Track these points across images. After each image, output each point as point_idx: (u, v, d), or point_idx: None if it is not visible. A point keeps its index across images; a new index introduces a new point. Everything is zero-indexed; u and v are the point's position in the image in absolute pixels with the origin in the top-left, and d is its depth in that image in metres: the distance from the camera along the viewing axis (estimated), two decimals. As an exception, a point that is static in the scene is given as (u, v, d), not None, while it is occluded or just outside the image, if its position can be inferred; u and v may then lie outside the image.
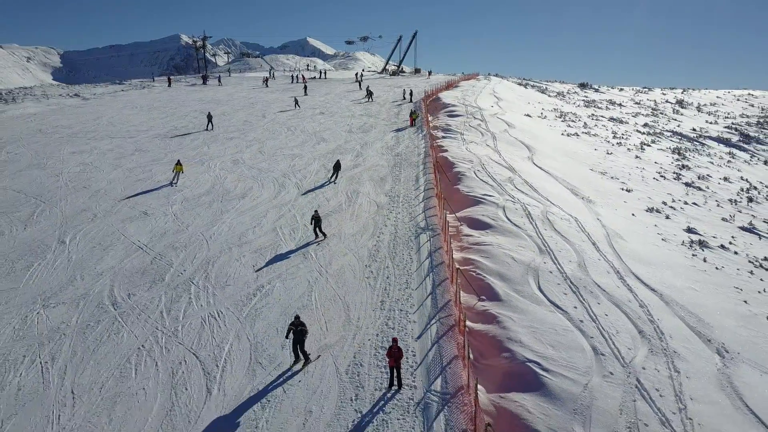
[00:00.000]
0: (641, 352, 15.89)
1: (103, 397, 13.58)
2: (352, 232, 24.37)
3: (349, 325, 17.05)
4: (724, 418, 13.68)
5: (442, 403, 13.67)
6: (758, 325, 20.33)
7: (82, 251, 21.67)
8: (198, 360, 15.13)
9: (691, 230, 31.47)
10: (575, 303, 18.31)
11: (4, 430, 12.46)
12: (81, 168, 32.77)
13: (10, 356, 15.12)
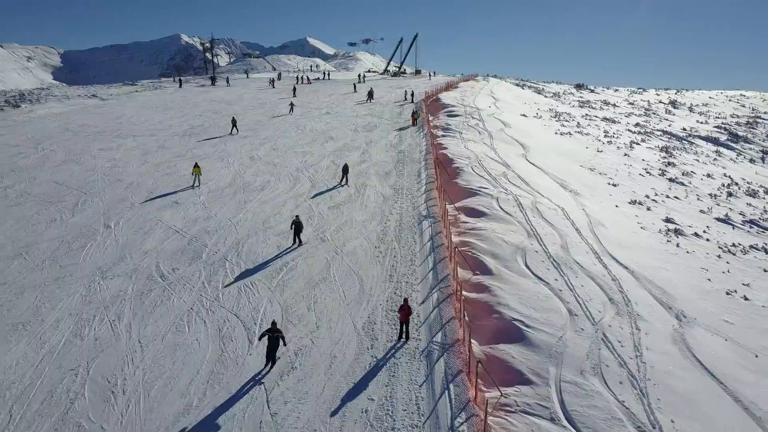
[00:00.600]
0: (609, 314, 18.95)
1: (165, 346, 16.63)
2: (362, 219, 27.42)
3: (363, 294, 20.10)
4: (673, 364, 16.73)
5: (441, 351, 16.72)
6: (717, 299, 23.43)
7: (126, 234, 24.73)
8: (239, 319, 18.19)
9: (668, 220, 34.53)
10: (556, 276, 21.38)
11: (91, 368, 15.51)
12: (112, 163, 35.83)
13: (83, 316, 18.17)
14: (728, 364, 17.53)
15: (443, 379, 15.40)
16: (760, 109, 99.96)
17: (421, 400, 14.62)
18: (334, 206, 29.15)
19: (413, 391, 14.98)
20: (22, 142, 40.08)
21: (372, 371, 15.79)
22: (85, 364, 15.71)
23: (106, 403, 14.19)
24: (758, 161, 65.47)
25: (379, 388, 15.07)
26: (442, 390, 14.96)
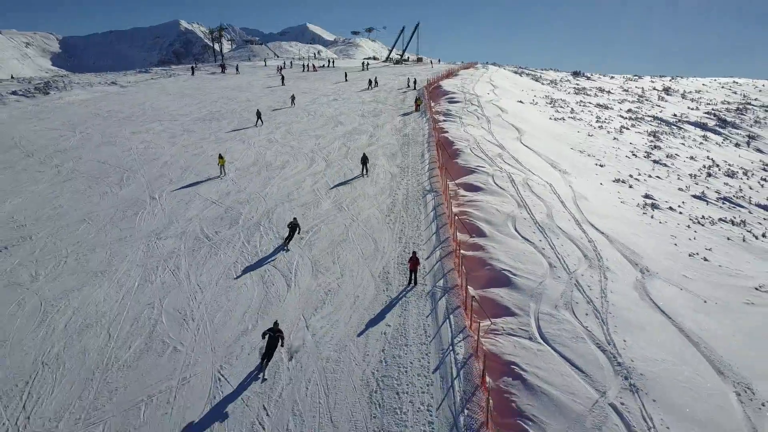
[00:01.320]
0: (582, 267, 22.84)
1: (219, 288, 20.54)
2: (373, 193, 31.23)
3: (377, 251, 23.97)
4: (631, 303, 20.63)
5: (443, 293, 20.61)
6: (680, 259, 27.31)
7: (170, 204, 28.57)
8: (277, 269, 22.08)
9: (647, 196, 38.33)
10: (540, 238, 25.24)
11: (164, 303, 19.42)
12: (144, 145, 39.58)
13: (148, 266, 22.06)
14: (678, 306, 21.43)
15: (445, 312, 19.30)
16: (751, 96, 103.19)
17: (428, 326, 18.53)
18: (348, 182, 32.96)
19: (421, 320, 18.89)
20: (61, 126, 43.78)
21: (388, 307, 19.70)
22: (158, 300, 19.63)
23: (181, 327, 18.11)
24: (743, 145, 69.07)
25: (394, 318, 18.98)
26: (443, 319, 18.86)
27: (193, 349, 17.01)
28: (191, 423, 14.11)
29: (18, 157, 35.37)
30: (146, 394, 15.03)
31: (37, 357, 16.45)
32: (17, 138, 39.43)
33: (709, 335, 19.61)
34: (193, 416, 14.37)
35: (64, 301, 19.45)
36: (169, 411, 14.50)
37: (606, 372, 16.09)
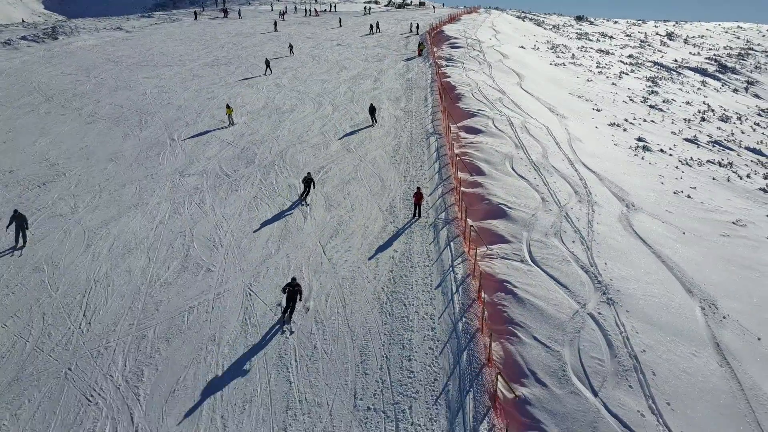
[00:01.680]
0: (572, 201, 24.93)
1: (242, 219, 22.71)
2: (379, 135, 33.03)
3: (384, 188, 26.02)
4: (615, 232, 22.81)
5: (445, 224, 22.78)
6: (664, 195, 29.38)
7: (189, 145, 30.47)
8: (288, 181, 24.18)
9: (640, 139, 40.08)
10: (535, 176, 27.25)
11: (194, 232, 21.63)
12: (158, 89, 41.08)
13: (175, 200, 24.19)
14: (658, 236, 23.63)
15: (446, 240, 21.52)
16: (754, 41, 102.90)
17: (431, 252, 20.78)
18: (355, 125, 34.69)
19: (425, 246, 21.13)
20: (75, 71, 45.12)
21: (395, 236, 21.92)
22: (188, 229, 21.84)
23: (211, 251, 20.38)
24: (741, 91, 70.10)
25: (401, 245, 21.22)
26: (445, 246, 21.09)
27: (224, 269, 19.32)
28: (227, 328, 16.50)
29: (39, 100, 36.98)
30: (187, 306, 17.40)
31: (89, 276, 18.77)
32: (36, 83, 40.89)
33: (683, 261, 21.88)
34: (229, 323, 16.76)
35: (105, 229, 21.66)
36: (208, 319, 16.89)
37: (587, 288, 18.42)
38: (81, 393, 14.07)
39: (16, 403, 13.72)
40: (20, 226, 20.25)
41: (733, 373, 15.92)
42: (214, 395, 14.18)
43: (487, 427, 13.43)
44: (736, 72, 79.54)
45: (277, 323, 16.83)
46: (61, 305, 17.23)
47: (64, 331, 16.13)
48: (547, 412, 13.70)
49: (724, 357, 16.58)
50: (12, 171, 26.07)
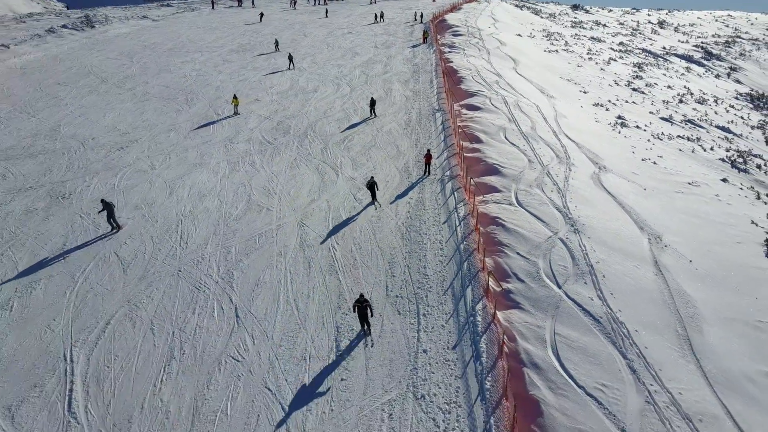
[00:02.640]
0: (553, 162, 30.54)
1: (287, 175, 28.33)
2: (392, 112, 38.54)
3: (399, 153, 31.60)
4: (587, 187, 28.41)
5: (449, 179, 28.37)
6: (633, 162, 34.93)
7: (233, 119, 36.00)
8: (326, 164, 29.82)
9: (619, 117, 45.57)
10: (524, 143, 32.83)
11: (251, 183, 27.26)
12: (195, 72, 46.53)
13: (231, 161, 29.77)
14: (622, 190, 29.26)
15: (450, 190, 27.15)
16: (742, 29, 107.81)
17: (438, 199, 26.41)
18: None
19: (434, 195, 26.77)
20: (118, 56, 50.50)
21: (410, 188, 27.55)
22: (246, 182, 27.48)
23: (268, 197, 26.02)
24: (723, 76, 75.38)
25: (415, 194, 26.87)
26: (450, 195, 26.72)
27: (280, 209, 24.98)
28: (289, 247, 22.18)
29: (96, 82, 42.45)
30: (257, 233, 23.08)
31: (178, 212, 24.43)
32: (89, 66, 46.31)
33: (640, 208, 27.55)
34: (290, 243, 22.43)
35: (180, 181, 27.30)
36: (274, 241, 22.57)
37: (559, 222, 24.08)
38: (191, 285, 19.77)
39: (148, 290, 19.42)
40: (109, 213, 22.50)
41: (664, 280, 21.65)
42: (286, 287, 19.88)
43: (481, 307, 19.11)
44: (721, 59, 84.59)
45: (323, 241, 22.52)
46: (162, 231, 22.91)
47: (169, 248, 21.82)
48: (524, 297, 19.41)
49: (659, 270, 22.30)
50: (93, 138, 31.64)
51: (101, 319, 17.77)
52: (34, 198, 24.91)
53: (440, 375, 16.33)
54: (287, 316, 18.45)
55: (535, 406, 15.16)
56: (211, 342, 17.11)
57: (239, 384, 15.66)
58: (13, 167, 27.68)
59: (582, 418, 14.73)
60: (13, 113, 34.91)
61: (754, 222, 29.14)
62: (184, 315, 18.16)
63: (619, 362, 16.80)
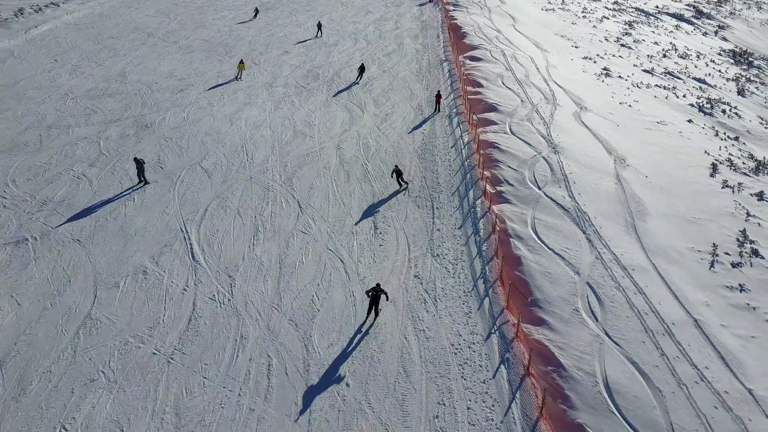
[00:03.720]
0: (542, 103, 36.59)
1: (322, 112, 34.44)
2: (405, 62, 44.35)
3: (413, 95, 37.64)
4: (568, 121, 34.57)
5: (456, 115, 34.51)
6: (611, 105, 40.96)
7: (269, 67, 41.87)
8: (353, 104, 35.91)
9: (605, 68, 51.29)
10: (518, 88, 38.82)
11: (294, 117, 33.41)
12: (227, 28, 52.04)
13: (274, 100, 35.83)
14: (598, 125, 35.41)
15: (457, 123, 33.33)
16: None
17: (447, 130, 32.60)
18: (386, 55, 45.96)
19: (443, 127, 32.95)
20: (156, 14, 55.81)
21: (423, 122, 33.70)
22: (289, 116, 33.63)
23: (309, 128, 32.22)
24: (710, 34, 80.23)
25: (427, 126, 33.05)
26: (456, 127, 32.90)
27: (320, 137, 31.22)
28: (331, 163, 28.49)
29: (143, 36, 48.08)
30: (305, 153, 29.37)
31: (241, 138, 30.66)
32: (134, 23, 51.80)
33: (611, 139, 33.76)
34: (332, 160, 28.72)
35: (236, 115, 33.45)
36: (319, 159, 28.86)
37: (543, 146, 30.35)
38: (262, 187, 26.15)
39: (230, 190, 25.77)
40: (140, 168, 25.09)
41: (622, 187, 28.05)
42: (333, 189, 26.25)
43: (480, 203, 25.50)
44: (711, 17, 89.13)
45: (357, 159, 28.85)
46: (231, 151, 29.19)
47: (240, 162, 28.14)
48: (513, 196, 25.81)
49: (619, 180, 28.69)
50: (156, 83, 37.61)
51: (200, 207, 24.21)
52: (124, 127, 31.12)
53: (449, 243, 22.85)
54: (336, 207, 24.91)
55: (518, 260, 21.68)
56: (284, 222, 23.59)
57: (309, 247, 22.18)
58: (98, 105, 33.78)
59: (550, 266, 21.28)
60: (83, 62, 40.78)
61: (707, 152, 35.41)
62: (260, 206, 24.60)
63: (580, 235, 23.33)
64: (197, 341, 17.43)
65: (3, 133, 29.67)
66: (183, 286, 19.70)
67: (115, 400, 15.37)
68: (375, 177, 27.46)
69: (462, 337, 18.14)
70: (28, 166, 26.79)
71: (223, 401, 15.50)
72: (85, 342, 17.20)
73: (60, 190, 24.87)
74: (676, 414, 15.73)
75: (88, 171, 26.50)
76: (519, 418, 15.52)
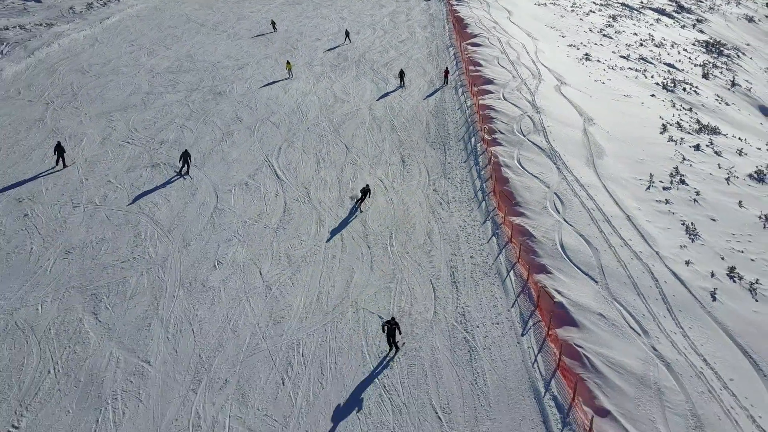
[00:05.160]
0: (529, 78, 45.55)
1: (354, 84, 43.37)
2: (417, 47, 53.28)
3: (425, 72, 46.60)
4: (549, 91, 43.53)
5: (460, 86, 43.47)
6: (587, 81, 49.89)
7: (306, 50, 50.80)
8: (378, 78, 44.88)
9: (586, 54, 60.17)
10: (511, 67, 47.79)
11: (333, 88, 42.38)
12: (265, 19, 60.89)
13: (314, 75, 44.78)
14: (573, 96, 44.37)
15: (461, 92, 42.30)
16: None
17: (453, 97, 41.56)
18: (401, 42, 54.87)
19: (450, 95, 41.93)
20: (200, 7, 64.69)
21: (434, 91, 42.66)
22: (329, 87, 42.57)
23: (346, 95, 41.16)
24: (688, 27, 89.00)
25: (438, 94, 41.99)
26: (461, 95, 41.87)
27: (356, 102, 40.19)
28: (365, 119, 37.43)
29: (196, 26, 57.02)
30: (345, 113, 38.33)
31: (296, 101, 39.57)
32: (185, 15, 60.75)
33: (584, 105, 42.71)
34: (366, 118, 37.66)
35: (288, 86, 42.39)
36: (356, 116, 37.78)
37: (528, 108, 39.30)
38: (317, 135, 35.07)
39: (295, 136, 34.70)
40: (185, 159, 29.98)
41: (587, 137, 37.00)
42: (369, 137, 35.20)
43: (480, 146, 34.43)
44: (691, 12, 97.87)
45: (386, 117, 37.83)
46: (289, 111, 38.14)
47: (297, 119, 37.08)
48: (504, 140, 34.77)
49: (586, 133, 37.66)
50: (218, 62, 46.55)
51: (275, 147, 33.18)
52: (203, 94, 40.12)
53: (457, 171, 31.82)
54: (373, 148, 33.90)
55: (506, 180, 30.62)
56: (337, 157, 32.57)
57: (357, 172, 31.15)
58: (178, 78, 42.75)
59: (529, 183, 30.23)
60: (154, 46, 49.77)
61: (662, 117, 44.34)
62: (318, 146, 33.61)
63: (551, 165, 32.32)
64: (292, 222, 26.45)
65: (115, 97, 38.72)
66: (275, 192, 28.74)
67: (247, 250, 24.39)
68: (400, 129, 36.44)
69: (467, 222, 27.15)
70: (141, 119, 35.83)
71: (315, 251, 24.51)
72: (218, 221, 26.23)
73: (171, 135, 33.94)
74: (605, 260, 24.71)
75: (187, 123, 35.57)
76: (504, 261, 24.50)
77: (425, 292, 22.31)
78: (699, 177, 34.45)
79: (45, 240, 24.28)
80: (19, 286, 21.66)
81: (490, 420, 17.05)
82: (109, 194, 27.82)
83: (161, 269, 22.90)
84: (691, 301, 22.86)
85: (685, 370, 19.17)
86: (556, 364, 19.16)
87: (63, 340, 19.31)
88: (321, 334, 20.03)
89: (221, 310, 20.84)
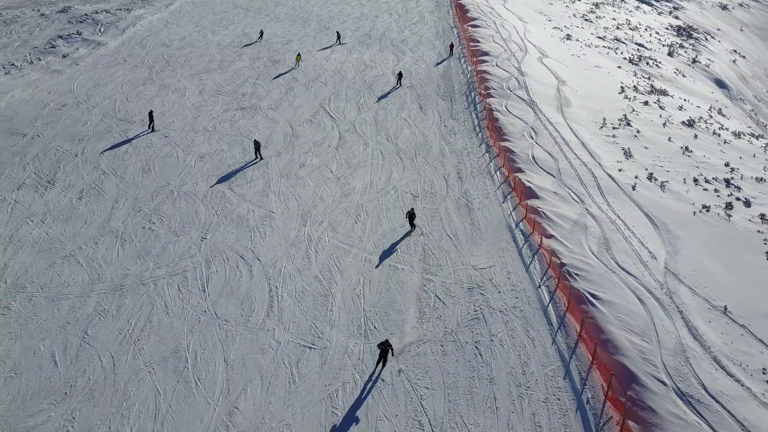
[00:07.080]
0: (518, 51, 57.15)
1: (378, 56, 55.03)
2: (426, 28, 64.81)
3: (434, 47, 58.15)
4: (533, 61, 55.12)
5: (463, 58, 55.09)
6: (566, 56, 61.50)
7: (318, 38, 62.36)
8: (397, 51, 56.54)
9: (568, 35, 71.64)
10: (503, 43, 59.34)
11: (363, 57, 54.02)
12: (300, 6, 72.38)
13: (345, 53, 56.43)
14: (554, 66, 55.94)
15: (464, 63, 53.93)
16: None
17: (457, 67, 53.19)
18: (413, 24, 66.34)
19: (454, 64, 53.57)
20: None
21: (442, 61, 54.28)
22: (359, 57, 54.18)
23: (373, 63, 52.79)
24: (665, 14, 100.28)
25: (445, 64, 53.66)
26: (463, 63, 53.50)
27: (381, 69, 51.80)
28: (380, 81, 49.06)
29: (243, 11, 68.53)
30: (374, 75, 49.97)
31: (336, 68, 51.17)
32: (232, 2, 72.29)
33: (560, 72, 54.31)
34: (390, 80, 49.30)
35: (329, 57, 53.91)
36: (383, 79, 49.43)
37: (515, 72, 50.90)
38: (354, 90, 46.73)
39: (338, 91, 46.41)
40: (257, 148, 35.01)
41: (559, 93, 48.68)
42: (392, 97, 46.91)
43: (478, 99, 46.10)
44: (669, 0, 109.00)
45: (393, 87, 49.51)
46: (331, 74, 49.73)
47: (339, 79, 48.71)
48: (496, 94, 46.45)
49: (558, 90, 49.34)
50: (269, 39, 58.14)
51: (327, 97, 44.85)
52: (264, 61, 51.74)
53: (461, 114, 43.52)
54: (398, 100, 45.58)
55: (496, 119, 42.33)
56: (370, 105, 44.21)
57: (387, 115, 42.82)
58: (242, 51, 54.33)
59: (513, 121, 41.92)
60: (215, 26, 61.32)
61: (622, 82, 55.97)
62: (356, 97, 45.27)
63: (530, 110, 43.99)
64: (345, 145, 38.18)
65: (197, 64, 50.45)
66: (331, 126, 40.51)
67: (319, 159, 36.06)
68: (417, 86, 48.10)
69: (468, 145, 38.88)
70: (223, 79, 47.54)
71: (365, 160, 36.25)
72: (294, 143, 37.98)
73: (248, 90, 45.67)
74: (562, 165, 36.37)
75: (257, 82, 47.29)
76: (493, 167, 36.24)
77: (440, 182, 34.08)
78: (642, 122, 46.10)
79: (184, 150, 36.06)
80: (177, 174, 33.46)
81: (482, 241, 28.83)
82: (216, 126, 39.59)
83: (266, 167, 34.69)
84: (617, 189, 34.56)
85: (604, 220, 30.92)
86: (523, 216, 30.96)
87: (216, 200, 31.13)
88: (375, 202, 31.80)
89: (311, 189, 32.63)
